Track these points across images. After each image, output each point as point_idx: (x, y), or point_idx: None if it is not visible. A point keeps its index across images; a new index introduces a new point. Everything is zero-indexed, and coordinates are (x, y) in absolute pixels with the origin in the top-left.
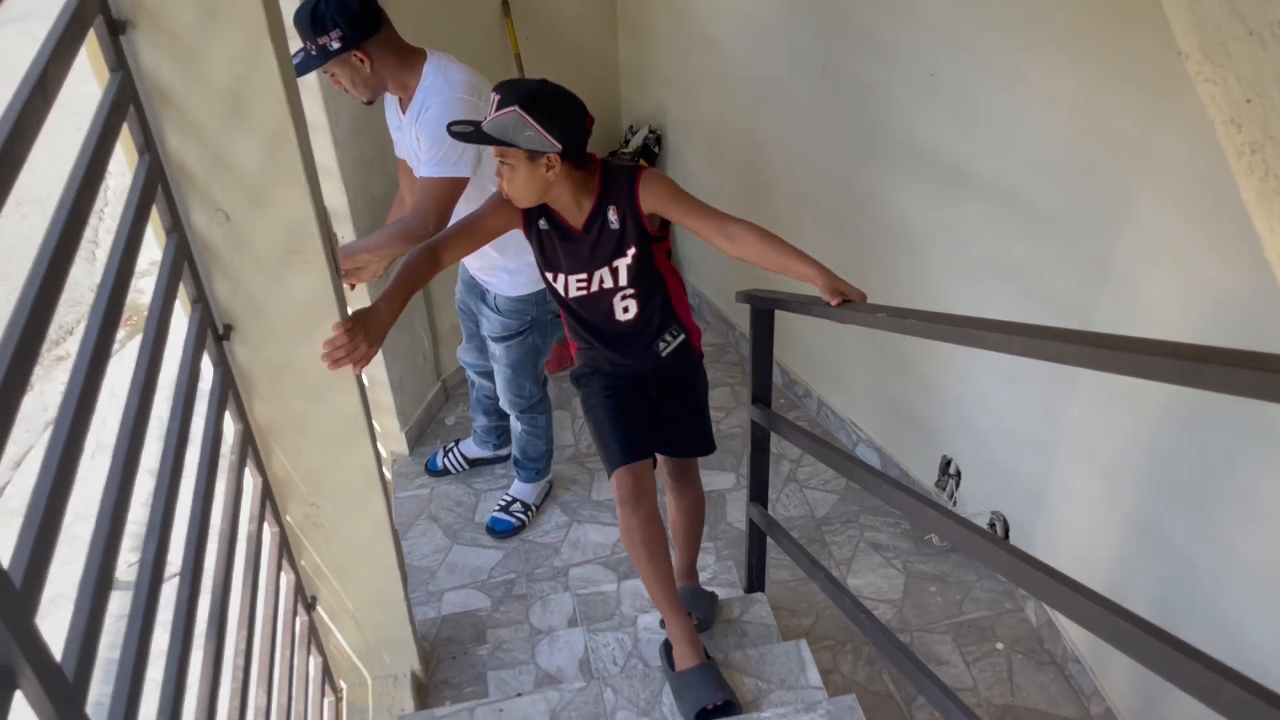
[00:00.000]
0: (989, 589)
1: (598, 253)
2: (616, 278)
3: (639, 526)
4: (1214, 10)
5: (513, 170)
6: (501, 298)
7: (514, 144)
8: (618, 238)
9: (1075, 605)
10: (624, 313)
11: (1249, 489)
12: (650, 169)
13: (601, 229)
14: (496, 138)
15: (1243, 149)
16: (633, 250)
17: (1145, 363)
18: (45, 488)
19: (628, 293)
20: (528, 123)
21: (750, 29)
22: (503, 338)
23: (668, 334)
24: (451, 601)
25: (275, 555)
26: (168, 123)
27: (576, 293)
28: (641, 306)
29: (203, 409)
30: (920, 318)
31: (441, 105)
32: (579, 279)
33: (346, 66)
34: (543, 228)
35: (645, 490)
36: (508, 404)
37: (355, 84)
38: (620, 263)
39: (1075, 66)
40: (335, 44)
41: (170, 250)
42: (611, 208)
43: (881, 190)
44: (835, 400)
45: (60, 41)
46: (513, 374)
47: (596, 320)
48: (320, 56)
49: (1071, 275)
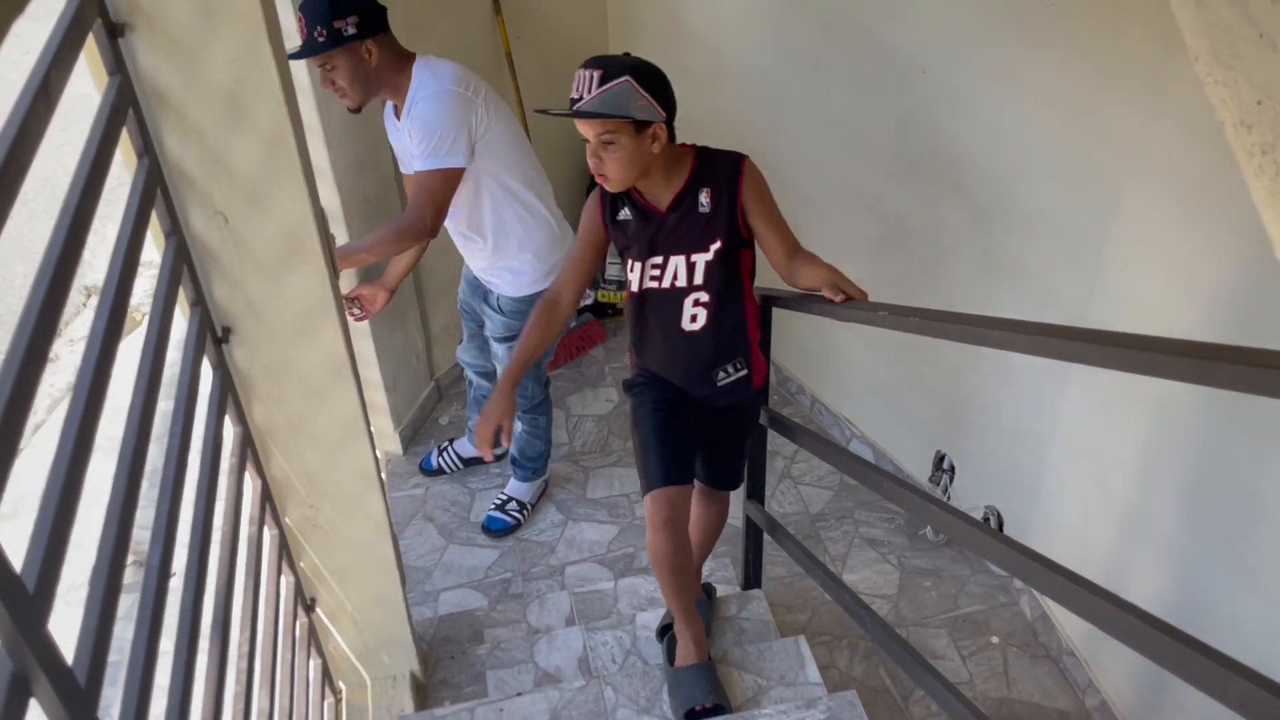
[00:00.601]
0: (983, 583)
1: (679, 236)
2: (692, 274)
3: (670, 553)
4: (1224, 13)
5: (615, 147)
6: (505, 298)
7: (628, 115)
8: (704, 223)
9: (1083, 600)
10: (691, 321)
11: (1243, 483)
12: (752, 161)
13: (688, 211)
14: (609, 112)
15: (1253, 150)
16: (718, 244)
17: (1153, 360)
18: (55, 493)
19: (701, 297)
20: (639, 93)
21: (741, 26)
22: (506, 338)
23: (731, 364)
24: (448, 601)
25: (275, 558)
26: (166, 125)
27: (649, 283)
28: (712, 318)
29: (202, 412)
30: (925, 316)
31: (430, 97)
32: (654, 263)
33: (353, 58)
34: (623, 219)
35: (679, 518)
36: None
37: (354, 80)
38: (700, 257)
39: (1067, 63)
40: (350, 29)
41: (169, 253)
42: (705, 190)
43: (873, 187)
44: (828, 396)
45: (61, 46)
46: None
47: (661, 324)
48: (331, 41)
49: (1065, 270)
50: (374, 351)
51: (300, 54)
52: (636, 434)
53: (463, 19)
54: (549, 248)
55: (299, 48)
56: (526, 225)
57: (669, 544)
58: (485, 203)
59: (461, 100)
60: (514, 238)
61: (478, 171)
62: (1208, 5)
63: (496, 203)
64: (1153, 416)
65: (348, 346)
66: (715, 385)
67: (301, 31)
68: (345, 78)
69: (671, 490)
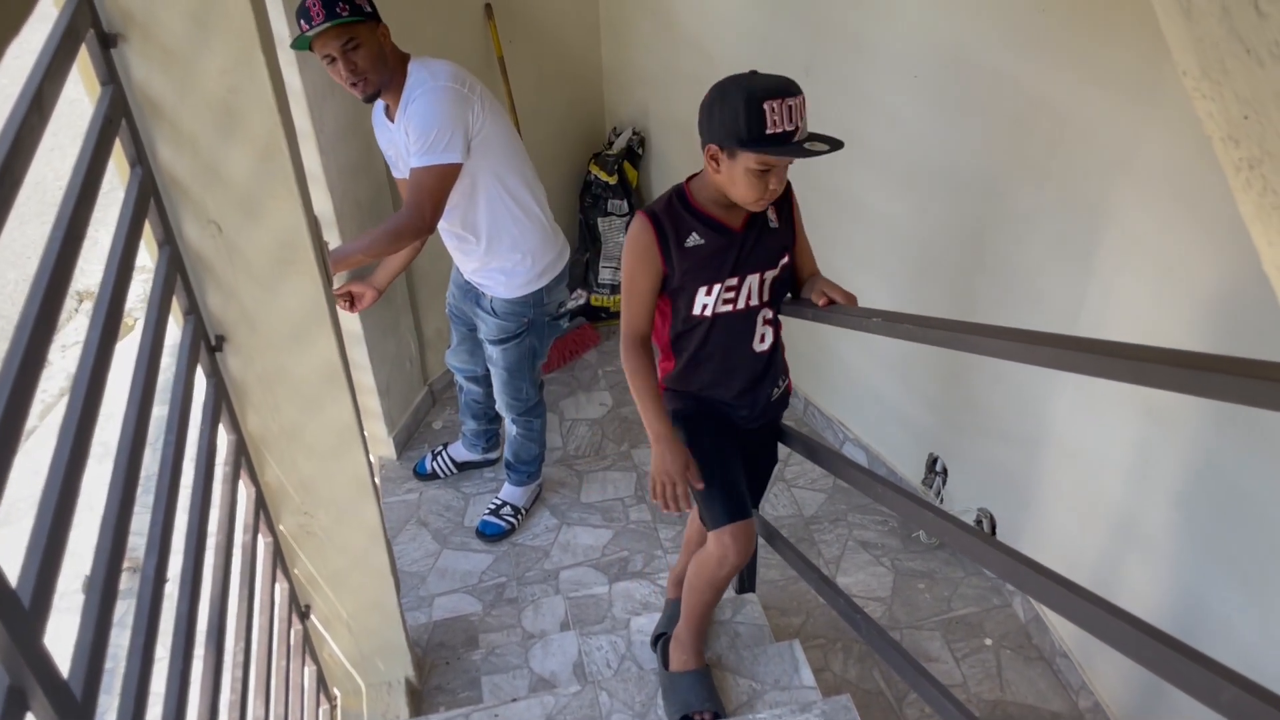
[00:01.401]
0: (977, 585)
1: (757, 254)
2: (763, 291)
3: (724, 583)
4: (1212, 29)
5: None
6: (498, 300)
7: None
8: (777, 239)
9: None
10: (761, 341)
11: (1235, 486)
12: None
13: (763, 228)
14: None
15: (1240, 164)
16: (786, 260)
17: (1143, 369)
18: (50, 507)
19: (767, 314)
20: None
21: (733, 30)
22: (499, 340)
23: (782, 377)
24: (443, 607)
25: (269, 565)
26: (159, 135)
27: (723, 307)
28: (775, 336)
29: (196, 421)
30: (918, 323)
31: (426, 94)
32: (729, 286)
33: (374, 35)
34: (693, 244)
35: (748, 549)
36: (504, 407)
37: (375, 61)
38: (771, 274)
39: (1057, 69)
40: (369, 7)
41: (163, 263)
42: (771, 206)
43: (865, 191)
44: (821, 399)
45: (54, 57)
46: (509, 376)
47: (732, 346)
48: (355, 13)
49: (1055, 274)
50: (367, 356)
51: (329, 17)
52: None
53: (455, 22)
54: (542, 248)
55: (320, 23)
56: (520, 225)
57: (733, 576)
58: (480, 201)
59: (458, 97)
60: (507, 237)
61: (473, 169)
62: (1195, 20)
63: (491, 201)
64: (1144, 419)
65: (342, 354)
66: (770, 400)
67: (317, 14)
68: (368, 57)
69: (746, 525)
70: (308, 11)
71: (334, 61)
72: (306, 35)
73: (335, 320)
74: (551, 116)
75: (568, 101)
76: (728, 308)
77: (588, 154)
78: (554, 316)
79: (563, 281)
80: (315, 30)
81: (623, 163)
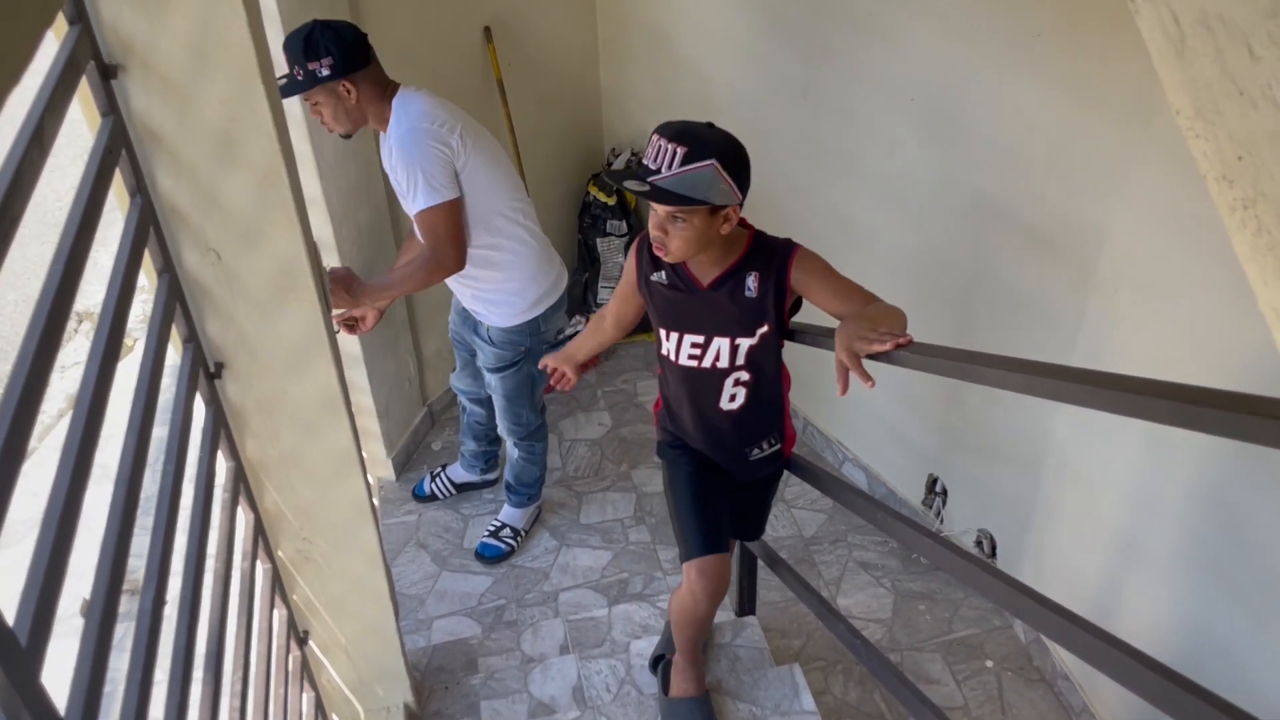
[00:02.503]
0: (977, 606)
1: (722, 317)
2: (735, 356)
3: (703, 622)
4: (1205, 70)
5: (685, 225)
6: (494, 329)
7: (707, 200)
8: (752, 307)
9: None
10: (730, 401)
11: (1237, 510)
12: (805, 247)
13: (734, 292)
14: (689, 195)
15: (1235, 205)
16: (765, 329)
17: (1144, 404)
18: (48, 542)
19: (742, 377)
20: (722, 176)
21: (731, 53)
22: (498, 368)
23: (765, 440)
24: (442, 629)
25: (268, 592)
26: (159, 165)
27: (687, 361)
28: (750, 398)
29: (195, 447)
30: (919, 351)
31: (403, 138)
32: (695, 342)
33: (332, 95)
34: (656, 281)
35: (719, 588)
36: (506, 431)
37: (337, 115)
38: (745, 341)
39: (1053, 94)
40: (325, 71)
41: (162, 290)
42: (754, 274)
43: (864, 213)
44: (821, 419)
45: (55, 88)
46: (509, 404)
47: (699, 402)
48: (307, 81)
49: (1056, 297)
50: (366, 378)
51: (284, 91)
52: (671, 497)
53: (454, 46)
54: (535, 277)
55: (282, 83)
56: (511, 257)
57: (710, 612)
58: (469, 237)
59: (429, 134)
60: (498, 270)
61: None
62: (1188, 62)
63: (479, 236)
64: (1144, 442)
65: (340, 379)
66: (748, 460)
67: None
68: (329, 113)
69: (715, 559)
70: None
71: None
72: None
73: (334, 346)
74: (550, 137)
75: (566, 122)
76: (693, 363)
77: (586, 174)
78: (552, 343)
79: (560, 308)
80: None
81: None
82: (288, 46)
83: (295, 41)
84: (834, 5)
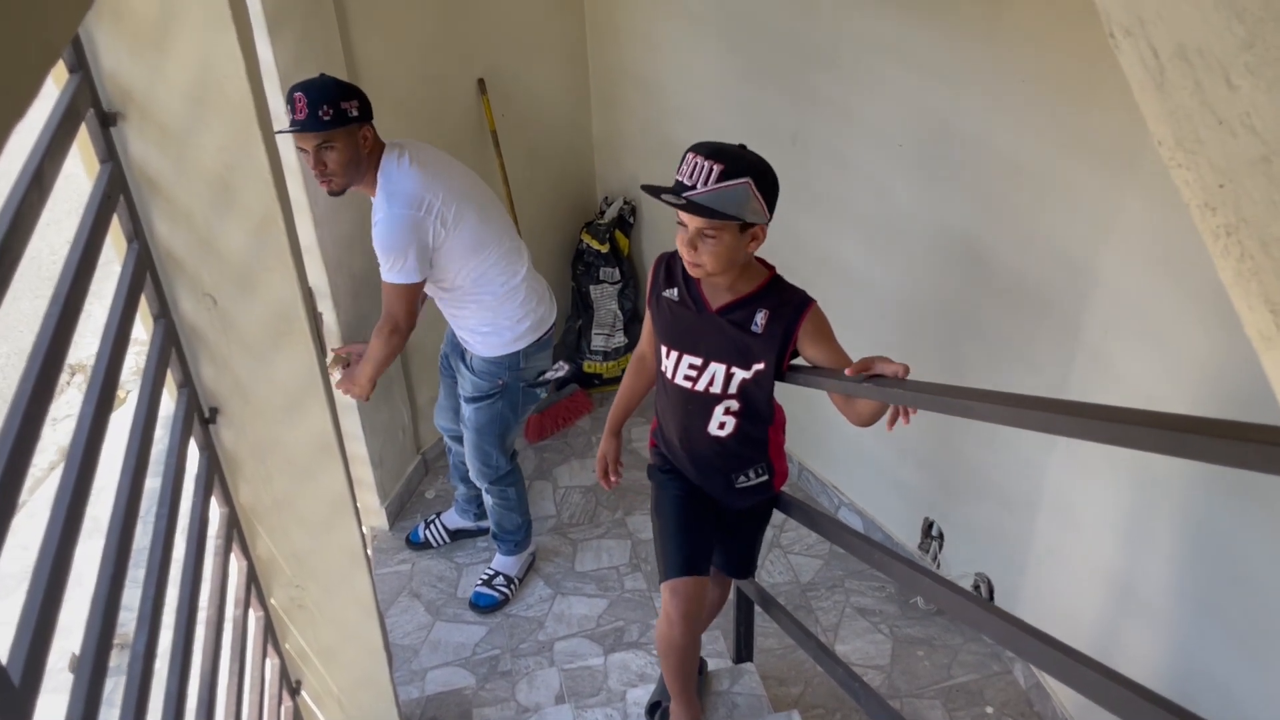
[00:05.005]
0: (976, 651)
1: (723, 343)
2: (728, 384)
3: (684, 645)
4: (1185, 101)
5: (715, 242)
6: (477, 358)
7: (740, 217)
8: (755, 342)
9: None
10: (720, 428)
11: (1231, 547)
12: (818, 306)
13: (741, 322)
14: (724, 211)
15: (1218, 231)
16: (760, 366)
17: (1129, 433)
18: (42, 582)
19: (732, 406)
20: (755, 194)
21: (721, 102)
22: (474, 398)
23: (752, 470)
24: (436, 680)
25: (260, 640)
26: (157, 211)
27: (683, 381)
28: (739, 428)
29: (188, 493)
30: (908, 388)
31: (382, 221)
32: (693, 363)
33: (351, 141)
34: (668, 297)
35: (697, 611)
36: (475, 474)
37: (347, 163)
38: (740, 372)
39: (1039, 138)
40: (354, 112)
41: (158, 336)
42: (763, 311)
43: (853, 257)
44: (816, 464)
45: (54, 136)
46: (478, 438)
47: (688, 424)
48: (336, 120)
49: (1044, 339)
50: (360, 426)
51: (306, 127)
52: (656, 520)
53: (449, 98)
54: (520, 316)
55: (300, 122)
56: (491, 301)
57: (685, 637)
58: (455, 288)
59: (413, 223)
60: (481, 310)
61: (443, 268)
62: (1168, 94)
63: (463, 286)
64: (1137, 481)
65: (334, 424)
66: (733, 487)
67: (300, 110)
68: (340, 159)
69: (690, 581)
70: (293, 103)
71: (308, 153)
72: (291, 127)
73: (328, 391)
74: (544, 187)
75: (559, 172)
76: (688, 384)
77: (580, 223)
78: (530, 384)
79: (545, 349)
80: (292, 130)
81: (614, 231)
82: (314, 87)
83: (326, 82)
84: (822, 53)
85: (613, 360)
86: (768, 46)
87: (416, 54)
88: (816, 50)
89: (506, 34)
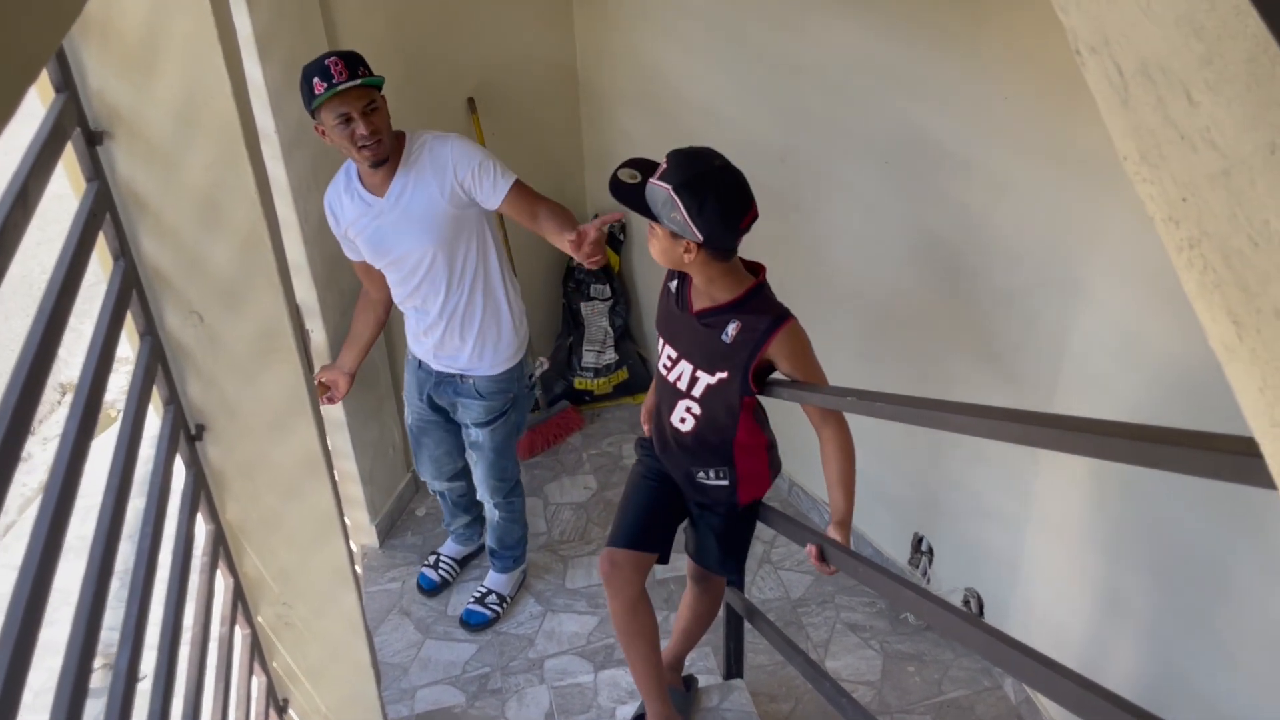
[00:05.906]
0: (966, 667)
1: (696, 345)
2: (693, 385)
3: (617, 613)
4: (1148, 117)
5: (652, 235)
6: (481, 380)
7: (657, 219)
8: (722, 351)
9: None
10: (681, 422)
11: (1212, 559)
12: (796, 322)
13: (712, 329)
14: (636, 202)
15: (1181, 244)
16: (724, 375)
17: (1105, 444)
18: (21, 601)
19: (693, 407)
20: (676, 205)
21: (709, 121)
22: (487, 422)
23: (713, 470)
24: (425, 699)
25: (247, 658)
26: (143, 229)
27: (662, 369)
28: (699, 429)
29: (174, 511)
30: (892, 401)
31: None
32: (670, 355)
33: (385, 105)
34: (669, 288)
35: (620, 580)
36: (490, 491)
37: (388, 127)
38: (704, 376)
39: (1023, 154)
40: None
41: (144, 353)
42: (736, 322)
43: (840, 274)
44: (807, 480)
45: (40, 154)
46: (497, 457)
47: (661, 406)
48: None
49: (1030, 355)
50: (350, 443)
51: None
52: (626, 488)
53: (439, 116)
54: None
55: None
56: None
57: (614, 602)
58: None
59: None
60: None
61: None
62: (1132, 109)
63: (473, 295)
64: (1121, 494)
65: (322, 441)
66: (693, 480)
67: (340, 73)
68: (384, 119)
69: (627, 554)
70: (326, 70)
71: (349, 122)
72: (335, 87)
73: (316, 407)
74: None
75: (550, 190)
76: (664, 371)
77: None
78: (530, 387)
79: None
80: (341, 88)
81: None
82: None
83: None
84: (810, 74)
85: (603, 377)
86: (756, 65)
87: (406, 73)
88: (805, 71)
89: (496, 53)
